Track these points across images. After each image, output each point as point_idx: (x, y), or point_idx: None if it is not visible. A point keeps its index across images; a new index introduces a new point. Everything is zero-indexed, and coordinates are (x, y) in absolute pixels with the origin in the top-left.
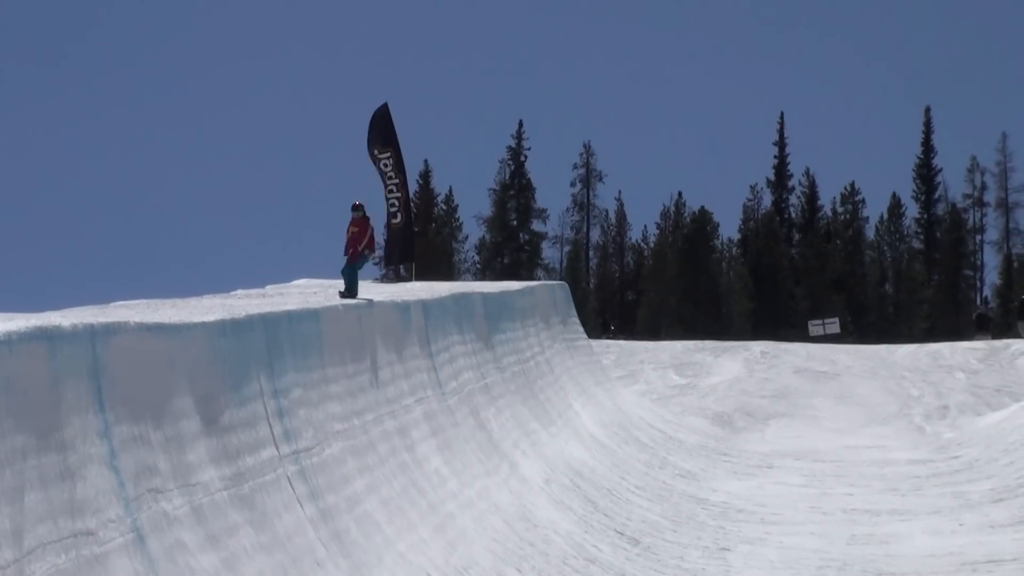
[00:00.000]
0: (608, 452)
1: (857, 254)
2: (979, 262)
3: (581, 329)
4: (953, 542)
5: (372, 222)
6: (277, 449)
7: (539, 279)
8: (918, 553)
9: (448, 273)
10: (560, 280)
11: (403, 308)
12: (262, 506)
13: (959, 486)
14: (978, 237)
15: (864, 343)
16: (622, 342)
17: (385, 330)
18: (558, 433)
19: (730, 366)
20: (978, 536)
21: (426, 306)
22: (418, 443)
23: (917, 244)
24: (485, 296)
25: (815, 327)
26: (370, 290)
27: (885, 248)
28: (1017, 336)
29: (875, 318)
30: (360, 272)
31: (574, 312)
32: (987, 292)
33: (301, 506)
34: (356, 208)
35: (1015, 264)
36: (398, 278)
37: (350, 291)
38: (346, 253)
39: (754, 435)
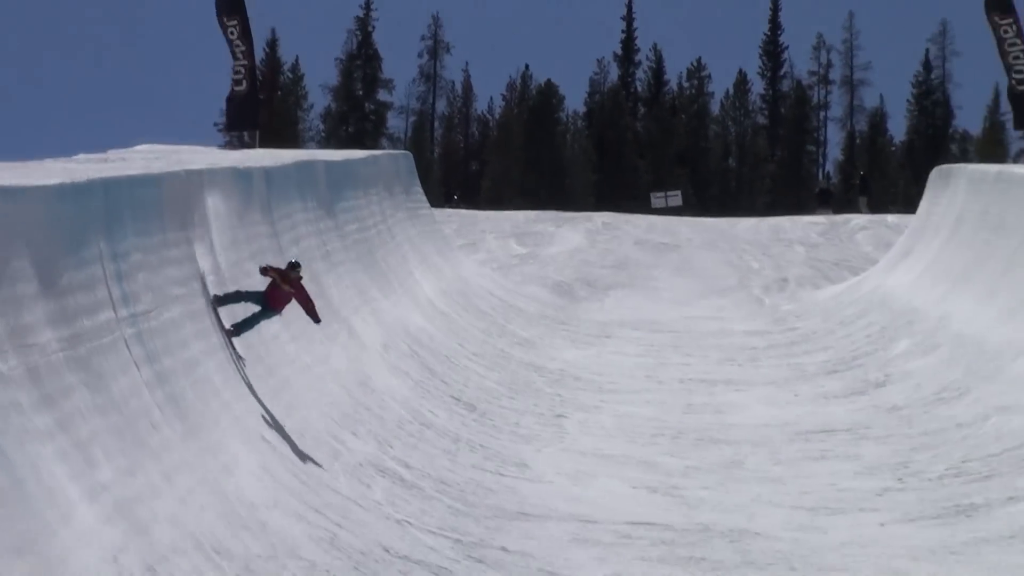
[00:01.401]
0: (447, 320)
1: (702, 129)
2: (822, 138)
3: (424, 199)
4: (787, 412)
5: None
6: (115, 312)
7: (384, 148)
8: (753, 422)
9: (293, 141)
10: (404, 150)
11: (245, 175)
12: (98, 368)
13: (795, 358)
14: (822, 113)
15: (706, 216)
16: (464, 211)
17: (227, 196)
18: (398, 301)
19: (571, 236)
20: (812, 407)
21: (268, 173)
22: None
23: (761, 120)
24: (328, 164)
25: (657, 199)
26: (213, 156)
27: (730, 123)
28: (857, 211)
29: (718, 192)
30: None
31: (417, 182)
32: (829, 168)
33: (138, 369)
34: (294, 267)
35: (857, 141)
36: (242, 145)
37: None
38: (275, 307)
39: (593, 305)
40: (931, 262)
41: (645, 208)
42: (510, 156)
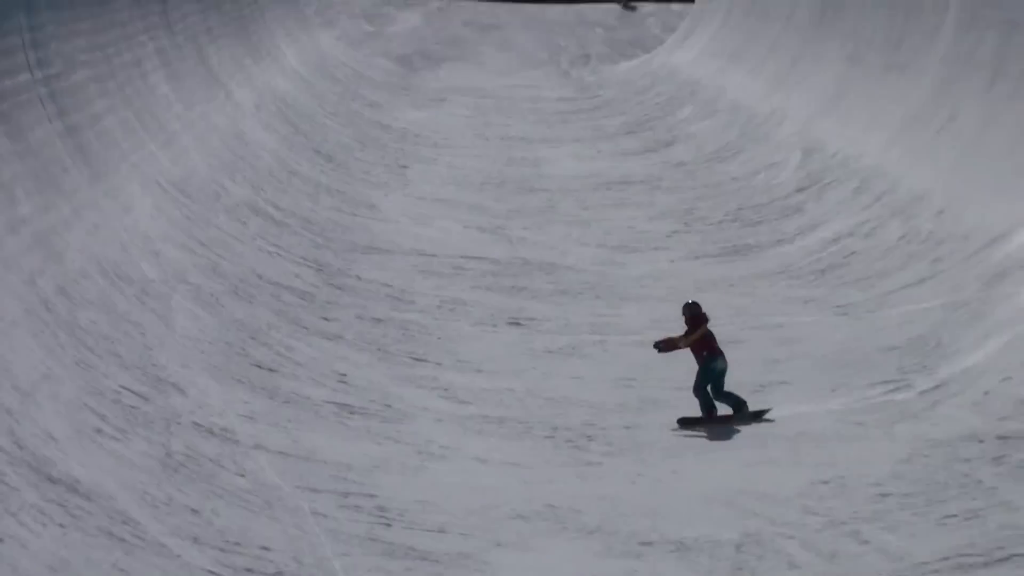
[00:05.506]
0: (308, 85)
1: None
2: None
3: None
4: (592, 165)
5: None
6: (32, 74)
7: None
8: (563, 174)
9: None
10: None
11: None
12: (17, 121)
13: (597, 120)
14: None
15: (522, 3)
16: None
17: None
18: (268, 68)
19: (411, 17)
20: (612, 161)
21: None
22: (150, 73)
23: None
24: None
25: None
26: None
27: None
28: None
29: None
30: None
31: None
32: None
33: (50, 122)
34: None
35: None
36: None
37: None
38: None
39: (430, 75)
40: (708, 42)
41: None
42: None
